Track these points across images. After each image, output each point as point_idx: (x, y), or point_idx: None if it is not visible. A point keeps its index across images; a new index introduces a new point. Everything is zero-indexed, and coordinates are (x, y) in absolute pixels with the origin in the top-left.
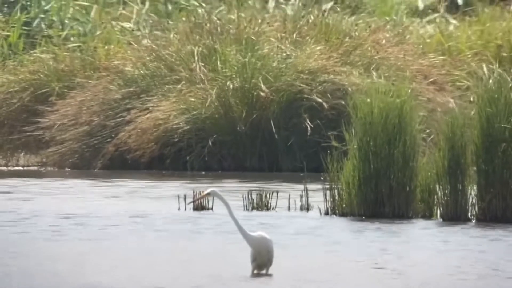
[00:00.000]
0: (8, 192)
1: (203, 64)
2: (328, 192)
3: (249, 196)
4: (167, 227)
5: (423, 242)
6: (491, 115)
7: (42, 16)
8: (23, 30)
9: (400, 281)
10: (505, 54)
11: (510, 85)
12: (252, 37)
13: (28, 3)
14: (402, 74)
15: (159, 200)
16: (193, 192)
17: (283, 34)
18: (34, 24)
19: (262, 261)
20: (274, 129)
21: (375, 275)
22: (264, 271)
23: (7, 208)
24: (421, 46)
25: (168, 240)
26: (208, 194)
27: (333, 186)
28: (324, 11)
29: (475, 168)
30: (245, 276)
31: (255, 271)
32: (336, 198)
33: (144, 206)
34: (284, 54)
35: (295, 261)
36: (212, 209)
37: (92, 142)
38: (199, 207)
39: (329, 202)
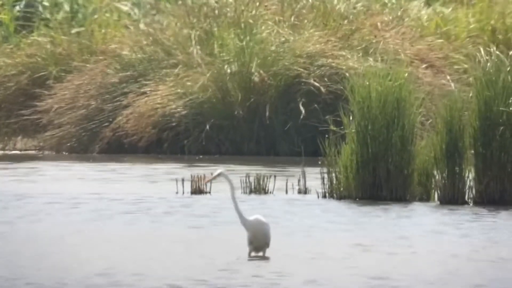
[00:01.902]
0: (4, 175)
1: (200, 48)
2: (325, 176)
3: (247, 180)
4: (165, 210)
5: (420, 225)
6: (489, 98)
7: None
8: (20, 13)
9: (397, 264)
10: (500, 37)
11: (508, 68)
12: (250, 21)
13: None
14: (400, 58)
15: (157, 183)
16: (191, 176)
17: (281, 18)
18: (22, 5)
19: (258, 244)
20: (271, 114)
21: (372, 257)
22: (261, 254)
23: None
24: (419, 29)
25: (165, 224)
26: (218, 175)
27: (330, 169)
28: None
29: (472, 151)
30: (242, 258)
31: (252, 254)
32: (334, 181)
33: (142, 190)
34: (283, 39)
35: (292, 244)
36: (210, 192)
37: (89, 126)
38: (197, 190)
39: (327, 186)
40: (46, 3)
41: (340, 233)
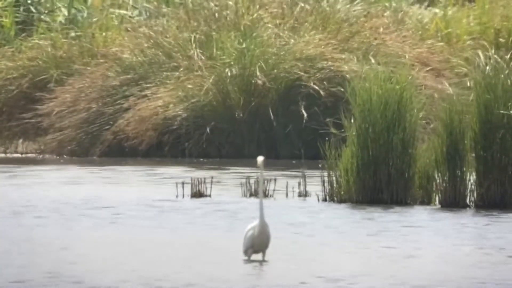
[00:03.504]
0: (6, 177)
1: (201, 51)
2: (326, 179)
3: (247, 183)
4: (165, 213)
5: (421, 228)
6: (490, 101)
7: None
8: (19, 15)
9: (397, 267)
10: (502, 40)
11: (508, 71)
12: (249, 23)
13: None
14: (401, 61)
15: (157, 187)
16: (191, 180)
17: (281, 21)
18: (22, 9)
19: (260, 247)
20: (272, 116)
21: (373, 261)
22: (260, 257)
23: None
24: (420, 32)
25: (165, 227)
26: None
27: (331, 173)
28: None
29: (473, 154)
30: (241, 261)
31: (252, 257)
32: (334, 184)
33: (142, 193)
34: (283, 42)
35: (293, 247)
36: (210, 196)
37: (90, 129)
38: (197, 194)
39: (327, 189)
40: (44, 7)
41: (340, 236)
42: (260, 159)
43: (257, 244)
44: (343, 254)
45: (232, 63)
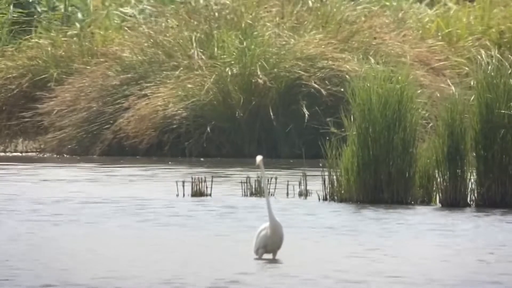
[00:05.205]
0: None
1: (201, 50)
2: (326, 178)
3: (248, 182)
4: (165, 213)
5: (422, 228)
6: (491, 101)
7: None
8: (17, 15)
9: (398, 267)
10: (505, 40)
11: (510, 71)
12: (249, 22)
13: None
14: (401, 60)
15: (157, 186)
16: (192, 179)
17: (281, 20)
18: (21, 8)
19: (272, 247)
20: (272, 116)
21: (372, 260)
22: (271, 256)
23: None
24: (420, 31)
25: (165, 226)
26: (258, 164)
27: (331, 172)
28: None
29: (474, 154)
30: (243, 261)
31: (263, 256)
32: (335, 184)
33: (142, 192)
34: (284, 42)
35: (293, 247)
36: (210, 195)
37: (90, 128)
38: (198, 193)
39: (328, 188)
40: (43, 7)
41: (340, 236)
42: (258, 158)
43: (270, 244)
44: (343, 253)
45: (232, 62)
